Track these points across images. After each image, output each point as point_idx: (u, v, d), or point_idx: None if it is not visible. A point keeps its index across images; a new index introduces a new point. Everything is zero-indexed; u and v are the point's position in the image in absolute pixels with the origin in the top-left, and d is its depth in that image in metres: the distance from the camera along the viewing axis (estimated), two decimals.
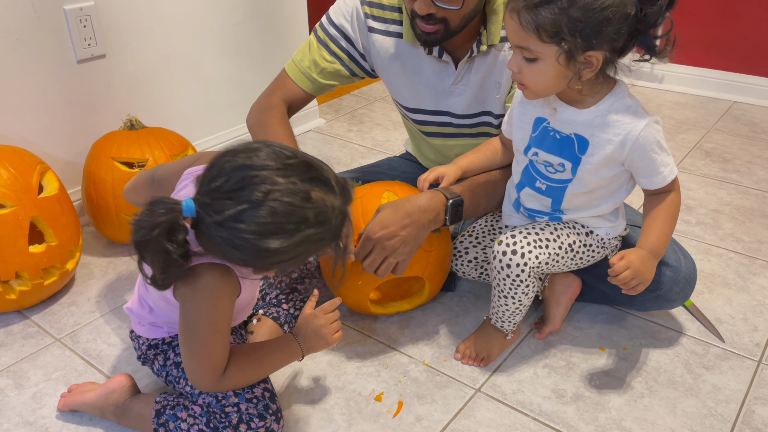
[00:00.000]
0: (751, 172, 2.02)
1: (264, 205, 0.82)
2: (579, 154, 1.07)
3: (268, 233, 0.82)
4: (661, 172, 1.05)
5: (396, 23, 1.29)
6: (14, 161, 1.35)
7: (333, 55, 1.34)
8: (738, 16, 2.48)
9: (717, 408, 1.15)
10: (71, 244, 1.42)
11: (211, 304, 0.94)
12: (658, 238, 1.07)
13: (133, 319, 1.13)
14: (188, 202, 0.83)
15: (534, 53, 0.96)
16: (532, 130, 1.11)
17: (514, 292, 1.15)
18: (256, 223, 0.82)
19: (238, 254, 0.85)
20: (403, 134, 2.33)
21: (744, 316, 1.38)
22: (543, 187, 1.14)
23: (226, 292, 0.94)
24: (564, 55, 0.94)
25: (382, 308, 1.34)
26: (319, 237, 0.87)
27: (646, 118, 1.02)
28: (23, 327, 1.37)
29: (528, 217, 1.20)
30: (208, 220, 0.83)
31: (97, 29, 1.63)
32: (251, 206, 0.81)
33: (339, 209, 0.88)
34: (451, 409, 1.15)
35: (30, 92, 1.56)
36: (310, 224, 0.84)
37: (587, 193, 1.11)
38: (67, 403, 1.15)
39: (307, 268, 1.34)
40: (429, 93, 1.34)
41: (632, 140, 1.02)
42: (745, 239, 1.66)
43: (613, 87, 1.04)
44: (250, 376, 1.02)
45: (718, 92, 2.62)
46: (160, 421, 1.04)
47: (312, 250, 0.89)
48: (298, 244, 0.85)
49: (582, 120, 1.05)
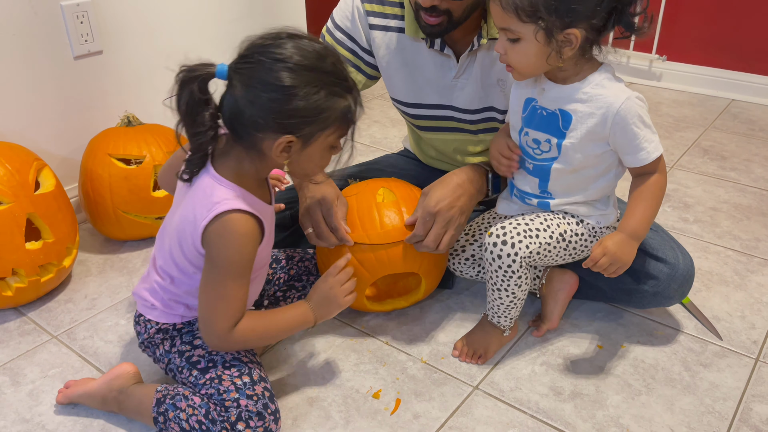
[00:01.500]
0: (749, 170, 2.02)
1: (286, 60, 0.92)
2: (563, 130, 1.09)
3: (286, 68, 0.91)
4: (645, 147, 1.06)
5: (396, 18, 1.30)
6: (11, 158, 1.34)
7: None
8: (736, 14, 2.48)
9: (714, 405, 1.15)
10: (68, 241, 1.41)
11: (237, 248, 0.98)
12: (639, 220, 1.09)
13: (146, 302, 1.12)
14: (222, 66, 0.94)
15: (516, 33, 1.01)
16: (522, 111, 1.14)
17: (507, 284, 1.15)
18: (276, 59, 0.91)
19: (257, 108, 0.92)
20: (401, 131, 2.33)
21: (741, 314, 1.38)
22: (530, 167, 1.16)
23: (250, 238, 0.99)
24: (543, 33, 0.99)
25: (379, 305, 1.34)
26: (333, 93, 0.94)
27: (628, 92, 1.05)
28: (20, 324, 1.37)
29: (520, 200, 1.21)
30: (237, 81, 0.93)
31: (94, 25, 1.62)
32: (274, 62, 0.92)
33: (353, 93, 0.97)
34: (449, 406, 1.15)
35: (27, 88, 1.55)
36: (325, 71, 0.93)
37: (573, 173, 1.12)
38: (66, 395, 1.15)
39: (305, 265, 1.34)
40: (431, 87, 1.34)
41: (613, 113, 1.04)
42: (742, 237, 1.66)
43: (598, 68, 1.07)
44: (261, 334, 1.04)
45: (716, 90, 2.63)
46: (159, 410, 1.04)
47: (325, 112, 0.94)
48: (312, 90, 0.91)
49: (566, 95, 1.08)
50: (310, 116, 0.93)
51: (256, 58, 0.92)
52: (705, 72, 2.63)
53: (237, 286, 0.99)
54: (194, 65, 0.94)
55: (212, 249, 0.99)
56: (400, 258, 1.22)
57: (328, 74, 0.94)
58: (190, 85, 0.93)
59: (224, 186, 0.99)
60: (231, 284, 0.99)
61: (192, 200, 1.01)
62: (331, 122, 0.96)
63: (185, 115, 0.95)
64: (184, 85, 0.93)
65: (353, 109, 0.98)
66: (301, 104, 0.92)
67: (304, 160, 0.99)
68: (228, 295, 0.99)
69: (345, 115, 0.97)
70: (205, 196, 0.99)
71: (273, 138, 0.94)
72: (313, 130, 0.95)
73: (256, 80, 0.92)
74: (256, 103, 0.92)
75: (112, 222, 1.56)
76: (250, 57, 0.93)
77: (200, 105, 0.94)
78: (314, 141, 0.97)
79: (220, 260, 0.98)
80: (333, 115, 0.95)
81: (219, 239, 0.97)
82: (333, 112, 0.95)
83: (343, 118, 0.97)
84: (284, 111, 0.92)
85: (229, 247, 0.97)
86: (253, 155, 0.99)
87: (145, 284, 1.13)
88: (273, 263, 1.34)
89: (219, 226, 0.97)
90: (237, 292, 0.99)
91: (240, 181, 1.00)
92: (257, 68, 0.92)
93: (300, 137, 0.95)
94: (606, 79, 1.06)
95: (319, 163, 1.01)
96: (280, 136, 0.94)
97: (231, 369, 1.05)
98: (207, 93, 0.94)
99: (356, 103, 0.98)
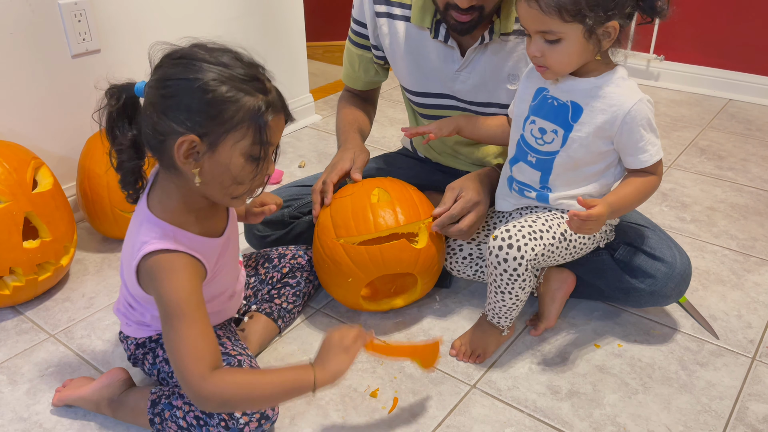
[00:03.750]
0: (745, 170, 2.03)
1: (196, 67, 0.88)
2: (572, 122, 1.10)
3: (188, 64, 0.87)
4: (647, 150, 1.08)
5: (401, 6, 1.32)
6: (8, 156, 1.34)
7: (361, 47, 1.44)
8: (733, 13, 2.48)
9: (711, 404, 1.15)
10: (66, 239, 1.41)
11: (172, 287, 0.91)
12: (622, 199, 1.10)
13: (121, 319, 1.13)
14: (140, 82, 0.93)
15: (557, 34, 1.01)
16: (532, 100, 1.15)
17: (511, 286, 1.15)
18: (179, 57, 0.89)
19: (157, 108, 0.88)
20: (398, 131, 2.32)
21: (738, 313, 1.38)
22: (533, 160, 1.16)
23: (186, 274, 0.92)
24: (586, 30, 0.99)
25: (375, 305, 1.34)
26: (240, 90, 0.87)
27: (640, 94, 1.07)
28: (17, 323, 1.37)
29: (518, 193, 1.21)
30: (147, 91, 0.91)
31: (92, 24, 1.62)
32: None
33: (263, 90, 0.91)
34: (446, 405, 1.15)
35: (24, 87, 1.55)
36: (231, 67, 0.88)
37: (574, 168, 1.13)
38: (61, 397, 1.14)
39: (297, 262, 1.34)
40: (435, 76, 1.35)
41: (624, 113, 1.06)
42: (739, 236, 1.67)
43: (614, 67, 1.09)
44: (247, 390, 0.90)
45: (713, 90, 2.63)
46: (155, 411, 1.04)
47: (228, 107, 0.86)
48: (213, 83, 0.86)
49: (580, 88, 1.08)
50: (213, 112, 0.86)
51: (163, 61, 0.91)
52: (702, 72, 2.63)
53: (188, 326, 0.89)
54: (121, 84, 0.94)
55: (151, 291, 0.95)
56: (395, 258, 1.22)
57: (236, 71, 0.87)
58: (113, 103, 0.94)
59: (151, 224, 0.94)
60: (181, 325, 0.89)
61: (129, 232, 1.00)
62: (237, 122, 0.86)
63: (109, 133, 0.96)
64: (109, 102, 0.94)
65: (264, 110, 0.88)
66: (197, 95, 0.85)
67: (216, 170, 0.89)
68: (184, 337, 0.89)
69: (254, 116, 0.87)
70: (133, 232, 0.97)
71: (174, 138, 0.86)
72: (217, 131, 0.86)
73: (159, 80, 0.89)
74: (156, 103, 0.88)
75: (109, 221, 1.56)
76: (158, 65, 0.91)
77: (121, 122, 0.94)
78: (221, 144, 0.87)
79: (163, 302, 0.91)
80: (239, 115, 0.86)
81: (152, 282, 0.92)
82: (238, 110, 0.86)
83: (252, 119, 0.87)
84: (185, 107, 0.86)
85: (164, 287, 0.91)
86: (172, 174, 0.92)
87: (118, 302, 1.12)
88: (265, 263, 1.34)
89: (148, 268, 0.92)
90: (191, 331, 0.89)
91: (170, 216, 0.95)
92: (159, 71, 0.90)
93: (203, 138, 0.86)
94: (621, 78, 1.08)
95: (237, 174, 0.90)
96: (180, 135, 0.86)
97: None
98: (129, 111, 0.94)
99: (270, 106, 0.89)
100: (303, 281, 1.35)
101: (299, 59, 2.31)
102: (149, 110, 0.89)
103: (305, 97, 2.40)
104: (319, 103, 2.59)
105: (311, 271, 1.36)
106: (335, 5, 3.16)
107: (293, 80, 2.32)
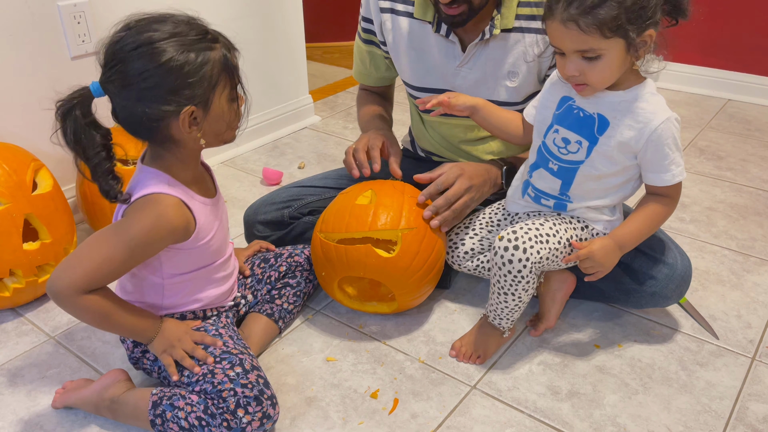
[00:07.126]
0: (745, 170, 2.03)
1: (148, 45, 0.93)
2: (597, 134, 1.09)
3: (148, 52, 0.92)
4: (671, 170, 1.08)
5: (404, 2, 1.33)
6: (8, 158, 1.34)
7: (370, 44, 1.45)
8: (732, 14, 2.49)
9: (711, 404, 1.16)
10: (65, 241, 1.41)
11: (148, 222, 0.98)
12: (632, 234, 1.11)
13: None
14: (94, 84, 0.96)
15: (597, 51, 0.99)
16: (556, 108, 1.14)
17: (515, 288, 1.15)
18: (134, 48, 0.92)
19: (145, 101, 0.93)
20: (399, 130, 2.32)
21: (738, 313, 1.39)
22: (555, 168, 1.15)
23: (167, 224, 0.98)
24: (626, 43, 0.98)
25: (359, 304, 1.34)
26: (201, 49, 0.94)
27: (668, 112, 1.06)
28: (17, 325, 1.37)
29: (534, 200, 1.21)
30: (115, 90, 0.95)
31: (91, 25, 1.62)
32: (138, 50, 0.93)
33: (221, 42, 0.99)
34: (447, 406, 1.16)
35: (24, 89, 1.55)
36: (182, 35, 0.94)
37: (597, 179, 1.13)
38: (61, 399, 1.14)
39: (295, 260, 1.34)
40: (437, 71, 1.36)
41: (651, 130, 1.05)
42: (738, 236, 1.67)
43: (643, 81, 1.08)
44: (102, 315, 1.00)
45: (712, 90, 2.63)
46: (156, 412, 1.04)
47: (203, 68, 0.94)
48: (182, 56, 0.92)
49: (608, 100, 1.08)
50: (195, 79, 0.94)
51: (118, 57, 0.93)
52: (701, 72, 2.63)
53: (118, 255, 0.97)
54: (69, 95, 0.96)
55: (125, 216, 1.00)
56: (358, 262, 1.20)
57: (189, 35, 0.94)
58: (71, 114, 0.95)
59: (150, 174, 1.02)
60: (115, 249, 0.96)
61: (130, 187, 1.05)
62: (216, 77, 0.96)
63: (75, 145, 0.97)
64: (65, 116, 0.96)
65: (227, 54, 0.98)
66: (180, 73, 0.93)
67: (213, 123, 1.00)
68: (104, 257, 0.96)
69: (224, 64, 0.97)
70: (138, 184, 1.02)
71: (175, 118, 0.95)
72: (205, 92, 0.96)
73: (129, 77, 0.93)
74: (142, 97, 0.94)
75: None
76: (111, 62, 0.94)
77: (88, 129, 0.96)
78: (212, 102, 0.97)
79: (126, 224, 0.98)
80: (214, 69, 0.96)
81: (135, 212, 0.99)
82: (212, 65, 0.95)
83: (225, 68, 0.97)
84: (170, 88, 0.93)
85: (141, 218, 0.98)
86: (169, 147, 1.01)
87: (116, 292, 1.13)
88: (261, 263, 1.34)
89: (144, 200, 0.99)
90: (113, 260, 0.97)
91: (168, 173, 1.03)
92: (123, 67, 0.93)
93: (198, 104, 0.96)
94: (650, 93, 1.07)
95: (229, 119, 1.02)
96: (179, 113, 0.95)
97: (222, 362, 1.05)
98: (90, 115, 0.97)
99: (227, 48, 0.99)
100: (303, 281, 1.35)
101: (298, 60, 2.31)
102: (137, 107, 0.94)
103: (305, 98, 2.40)
104: (319, 105, 2.59)
105: (311, 270, 1.36)
106: (334, 7, 3.16)
107: (292, 81, 2.32)
